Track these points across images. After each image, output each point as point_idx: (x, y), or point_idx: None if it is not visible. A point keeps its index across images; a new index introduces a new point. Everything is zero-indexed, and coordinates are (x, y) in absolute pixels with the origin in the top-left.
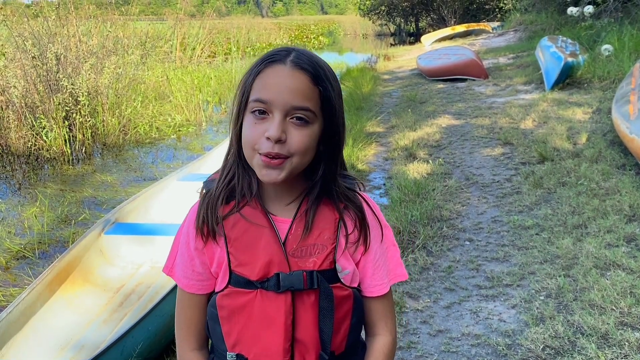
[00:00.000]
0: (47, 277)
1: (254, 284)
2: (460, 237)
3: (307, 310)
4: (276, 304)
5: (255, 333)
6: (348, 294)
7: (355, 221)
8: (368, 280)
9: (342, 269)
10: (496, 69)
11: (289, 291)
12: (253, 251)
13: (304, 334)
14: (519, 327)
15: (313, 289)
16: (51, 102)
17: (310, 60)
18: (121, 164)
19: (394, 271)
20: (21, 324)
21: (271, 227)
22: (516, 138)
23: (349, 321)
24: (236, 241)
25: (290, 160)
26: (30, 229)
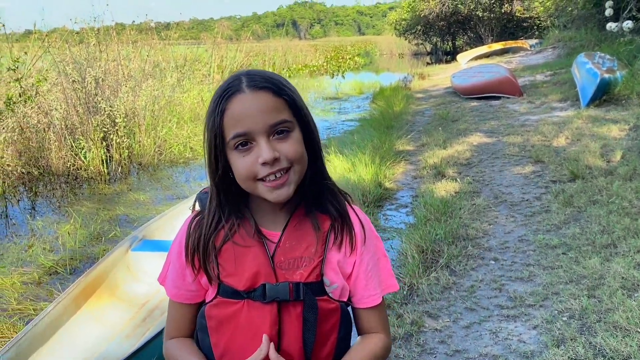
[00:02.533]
0: (74, 292)
1: (241, 294)
2: (485, 256)
3: (292, 321)
4: (262, 314)
5: (242, 343)
6: (335, 307)
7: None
8: (361, 292)
9: (330, 282)
10: (532, 86)
11: (275, 302)
12: (241, 263)
13: (289, 345)
14: (539, 348)
15: (299, 301)
16: (90, 124)
17: (262, 77)
18: (155, 183)
19: (386, 282)
20: (47, 336)
21: (260, 241)
22: (548, 156)
23: (336, 335)
24: (225, 253)
25: (293, 170)
26: (64, 245)
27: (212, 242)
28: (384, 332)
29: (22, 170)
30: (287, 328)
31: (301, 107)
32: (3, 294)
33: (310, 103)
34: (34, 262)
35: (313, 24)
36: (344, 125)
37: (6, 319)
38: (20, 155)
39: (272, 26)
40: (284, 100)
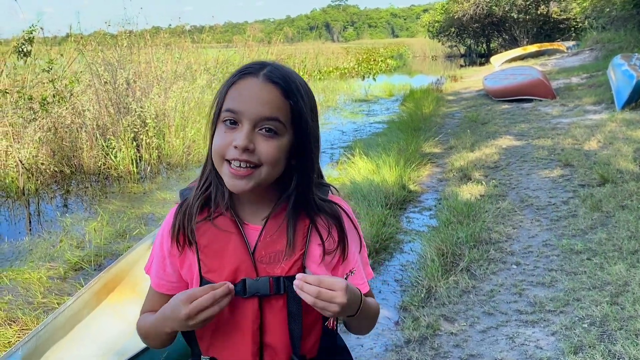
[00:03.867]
0: (95, 286)
1: None
2: (507, 260)
3: (275, 315)
4: (243, 310)
5: (225, 338)
6: None
7: (331, 231)
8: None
9: (312, 273)
10: (566, 89)
11: (256, 297)
12: (222, 258)
13: (272, 339)
14: (555, 354)
15: (281, 295)
16: (120, 124)
17: (282, 74)
18: (183, 183)
19: (367, 270)
20: (66, 330)
21: (240, 235)
22: (577, 159)
23: (320, 325)
24: (206, 248)
25: (260, 170)
26: (90, 242)
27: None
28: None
29: (55, 168)
30: (269, 322)
31: (305, 119)
32: (30, 288)
33: (339, 105)
34: (61, 257)
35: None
36: (371, 127)
37: (31, 312)
38: (53, 154)
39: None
40: (289, 104)
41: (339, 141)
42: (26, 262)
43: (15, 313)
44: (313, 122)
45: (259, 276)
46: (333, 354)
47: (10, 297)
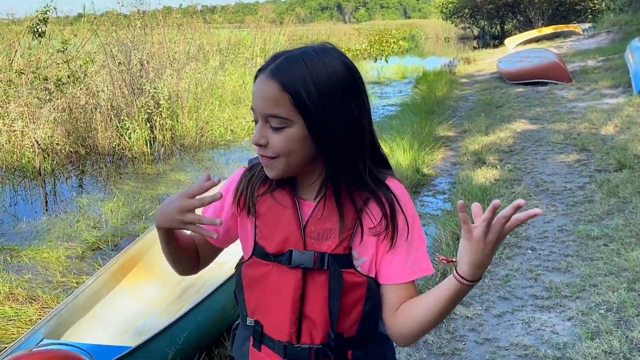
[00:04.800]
0: (113, 267)
1: (270, 257)
2: (522, 245)
3: (317, 289)
4: (287, 279)
5: (269, 303)
6: (361, 281)
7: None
8: (386, 267)
9: (358, 256)
10: (582, 72)
11: (300, 268)
12: (275, 228)
13: (312, 311)
14: (572, 340)
15: (323, 270)
16: (134, 105)
17: (286, 66)
18: (196, 164)
19: (419, 264)
20: (86, 309)
21: (295, 209)
22: (594, 144)
23: (361, 308)
24: (263, 216)
25: (278, 161)
26: (107, 222)
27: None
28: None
29: (70, 149)
30: (311, 294)
31: (310, 107)
32: (49, 267)
33: None
34: (79, 237)
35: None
36: (384, 110)
37: (51, 290)
38: (68, 135)
39: (316, 10)
40: (289, 96)
41: None
42: (45, 242)
43: (36, 292)
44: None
45: (306, 250)
46: (373, 338)
47: (30, 275)
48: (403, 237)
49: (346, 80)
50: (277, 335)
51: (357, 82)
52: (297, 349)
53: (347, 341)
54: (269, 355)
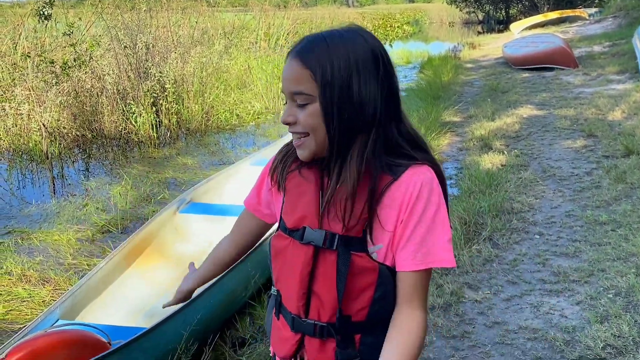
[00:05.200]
0: (124, 250)
1: (289, 231)
2: (530, 230)
3: (326, 268)
4: (298, 253)
5: (285, 275)
6: (372, 267)
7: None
8: (397, 254)
9: (374, 242)
10: (589, 57)
11: (311, 245)
12: (297, 204)
13: (320, 289)
14: (581, 324)
15: (333, 250)
16: (140, 89)
17: (306, 45)
18: (202, 149)
19: (437, 254)
20: (99, 290)
21: (318, 188)
22: (601, 130)
23: (371, 294)
24: (290, 192)
25: (309, 139)
26: (115, 206)
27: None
28: (417, 302)
29: (77, 133)
30: (320, 272)
31: (328, 82)
32: (59, 249)
33: None
34: (88, 220)
35: None
36: None
37: (62, 272)
38: (74, 119)
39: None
40: (309, 72)
41: None
42: (54, 225)
43: (48, 273)
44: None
45: (320, 228)
46: (385, 326)
47: (41, 258)
48: (420, 224)
49: (367, 59)
50: (289, 307)
51: (379, 62)
52: (303, 322)
53: (355, 325)
54: (283, 324)
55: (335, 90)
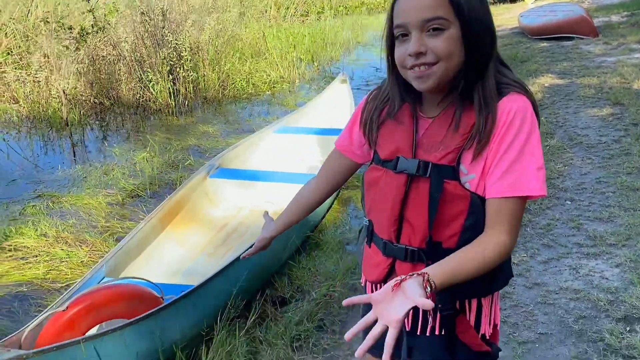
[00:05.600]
0: (159, 214)
1: (383, 162)
2: (560, 196)
3: (418, 195)
4: (391, 182)
5: (378, 204)
6: (464, 195)
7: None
8: (487, 181)
9: (467, 172)
10: (607, 27)
11: (404, 174)
12: (391, 138)
13: (412, 216)
14: (623, 285)
15: (426, 178)
16: (157, 57)
17: None
18: (220, 117)
19: (525, 183)
20: (138, 252)
21: (412, 123)
22: (628, 98)
23: (462, 221)
24: (384, 127)
25: (438, 67)
26: (142, 171)
27: (378, 114)
28: (501, 227)
29: (95, 100)
30: (412, 199)
31: (464, 8)
32: (91, 213)
33: (368, 41)
34: (116, 185)
35: None
36: None
37: (97, 235)
38: (92, 86)
39: None
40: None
41: (374, 78)
42: (83, 189)
43: (83, 236)
44: (479, 10)
45: (413, 158)
46: None
47: (73, 220)
48: (510, 151)
49: None
50: (381, 233)
51: None
52: (394, 247)
53: (445, 251)
54: (374, 251)
55: (473, 13)
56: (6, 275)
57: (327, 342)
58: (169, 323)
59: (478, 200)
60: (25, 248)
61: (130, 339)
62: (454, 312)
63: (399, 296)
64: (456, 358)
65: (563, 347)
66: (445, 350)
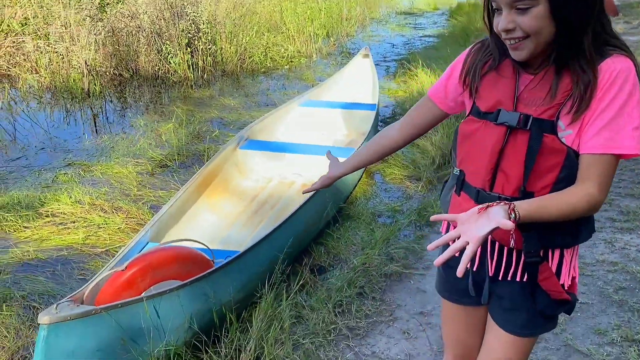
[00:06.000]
0: (194, 183)
1: (482, 114)
2: None
3: (516, 146)
4: (491, 133)
5: (473, 154)
6: (560, 149)
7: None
8: (582, 137)
9: (565, 127)
10: (626, 6)
11: (504, 126)
12: (492, 90)
13: (507, 166)
14: None
15: (525, 130)
16: (176, 29)
17: None
18: (240, 90)
19: (620, 141)
20: (178, 218)
21: (514, 79)
22: None
23: (557, 173)
24: (486, 80)
25: (528, 41)
26: (168, 142)
27: (482, 65)
28: (592, 182)
29: (114, 72)
30: (509, 150)
31: None
32: (123, 181)
33: (383, 17)
34: (143, 155)
35: None
36: (421, 41)
37: (131, 203)
38: (111, 58)
39: None
40: None
41: (391, 54)
42: (111, 159)
43: (118, 203)
44: None
45: (514, 111)
46: None
47: (106, 189)
48: (608, 109)
49: None
50: (473, 182)
51: None
52: (487, 195)
53: None
54: (465, 199)
55: None
56: (46, 240)
57: (368, 308)
58: (220, 285)
59: (573, 155)
60: (62, 214)
61: (185, 299)
62: (538, 260)
63: (483, 218)
64: (536, 303)
65: (605, 316)
66: (525, 295)
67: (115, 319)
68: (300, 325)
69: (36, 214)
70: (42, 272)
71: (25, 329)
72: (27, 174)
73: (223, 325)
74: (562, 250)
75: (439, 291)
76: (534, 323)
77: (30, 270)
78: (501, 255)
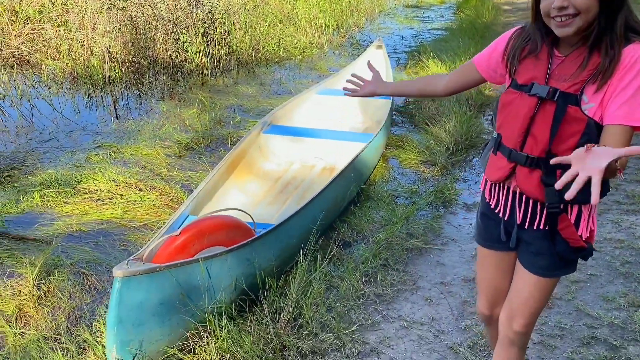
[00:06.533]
0: (224, 165)
1: (519, 86)
2: None
3: (544, 114)
4: (525, 103)
5: (509, 120)
6: (581, 118)
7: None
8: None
9: (588, 100)
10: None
11: (536, 97)
12: (528, 67)
13: (536, 130)
14: None
15: (553, 101)
16: (192, 18)
17: None
18: (255, 79)
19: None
20: (210, 196)
21: (547, 59)
22: None
23: (577, 139)
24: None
25: (578, 18)
26: (192, 127)
27: (520, 51)
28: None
29: (133, 59)
30: (539, 118)
31: None
32: (153, 162)
33: (390, 10)
34: (170, 139)
35: None
36: (430, 34)
37: (163, 182)
38: (129, 46)
39: None
40: None
41: (401, 46)
42: (139, 141)
43: (150, 182)
44: None
45: (545, 85)
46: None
47: (137, 169)
48: (629, 86)
49: None
50: (508, 143)
51: None
52: (518, 154)
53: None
54: (499, 158)
55: None
56: (87, 214)
57: (393, 277)
58: (261, 253)
59: (593, 124)
60: (98, 191)
61: (232, 263)
62: (558, 211)
63: (592, 155)
64: (556, 248)
65: (612, 285)
66: (547, 241)
67: (175, 276)
68: (331, 291)
69: (74, 190)
70: (86, 243)
71: (77, 292)
72: (60, 154)
73: (263, 289)
74: (580, 206)
75: (477, 240)
76: (555, 265)
77: (74, 241)
78: (527, 206)
